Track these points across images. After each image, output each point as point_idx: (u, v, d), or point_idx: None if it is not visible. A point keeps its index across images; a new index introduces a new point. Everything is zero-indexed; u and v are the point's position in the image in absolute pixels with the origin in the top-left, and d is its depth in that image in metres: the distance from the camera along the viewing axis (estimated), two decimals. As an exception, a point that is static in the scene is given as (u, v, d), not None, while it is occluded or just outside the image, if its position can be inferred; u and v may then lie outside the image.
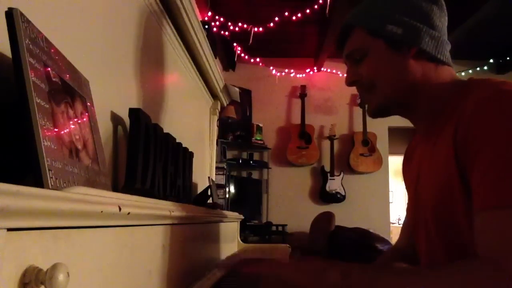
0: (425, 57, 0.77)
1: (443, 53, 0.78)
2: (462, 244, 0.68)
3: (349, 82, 0.84)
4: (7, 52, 0.50)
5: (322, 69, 4.32)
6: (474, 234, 0.60)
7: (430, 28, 0.77)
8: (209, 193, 1.55)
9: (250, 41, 3.44)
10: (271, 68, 4.32)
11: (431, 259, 0.78)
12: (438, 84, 0.77)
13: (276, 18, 3.33)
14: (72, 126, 0.60)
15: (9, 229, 0.33)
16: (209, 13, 3.11)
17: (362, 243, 2.85)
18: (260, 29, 3.45)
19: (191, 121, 1.80)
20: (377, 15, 0.79)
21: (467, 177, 0.64)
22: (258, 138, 4.13)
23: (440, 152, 0.71)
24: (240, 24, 3.40)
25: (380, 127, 4.13)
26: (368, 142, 4.14)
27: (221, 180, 3.37)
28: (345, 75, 0.87)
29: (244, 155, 4.18)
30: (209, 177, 1.72)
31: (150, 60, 1.21)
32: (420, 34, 0.76)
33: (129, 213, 0.54)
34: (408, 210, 0.94)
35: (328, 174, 4.13)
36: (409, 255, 0.93)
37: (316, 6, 3.10)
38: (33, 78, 0.49)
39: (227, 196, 3.49)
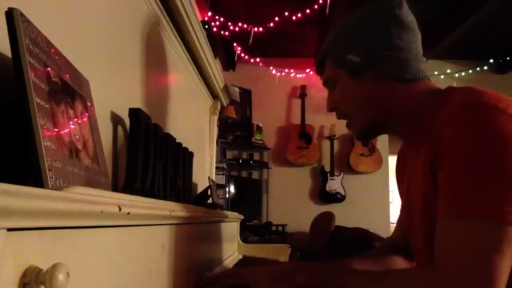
0: (389, 79, 0.78)
1: (410, 71, 0.77)
2: None
3: (329, 108, 0.89)
4: (7, 52, 0.50)
5: (322, 69, 4.32)
6: (434, 241, 0.63)
7: (389, 50, 0.77)
8: (209, 193, 1.55)
9: (250, 41, 3.44)
10: (271, 68, 4.32)
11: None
12: (411, 100, 0.77)
13: (276, 18, 3.33)
14: (72, 126, 0.60)
15: (9, 229, 0.33)
16: (209, 13, 3.11)
17: (362, 243, 2.84)
18: (260, 29, 3.45)
19: (191, 121, 1.80)
20: (338, 45, 0.83)
21: None
22: (258, 138, 4.14)
23: (420, 170, 0.72)
24: (240, 24, 3.40)
25: (380, 127, 4.12)
26: (368, 142, 4.14)
27: (221, 180, 3.37)
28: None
29: (244, 155, 4.19)
30: (209, 177, 1.72)
31: (150, 60, 1.21)
32: (377, 60, 0.77)
33: (129, 213, 0.54)
34: (401, 211, 0.97)
35: (328, 174, 4.13)
36: (403, 248, 0.96)
37: (316, 6, 3.11)
38: (33, 78, 0.49)
39: (227, 196, 3.49)
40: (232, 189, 3.71)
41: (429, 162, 0.67)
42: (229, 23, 3.35)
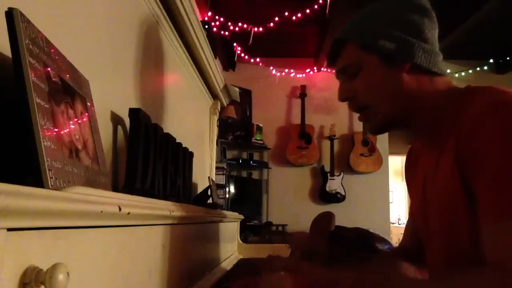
0: (419, 71, 0.76)
1: (437, 65, 0.77)
2: (462, 253, 0.70)
3: (343, 98, 0.83)
4: (7, 52, 0.50)
5: (322, 69, 4.32)
6: (484, 246, 0.61)
7: (422, 41, 0.76)
8: (209, 193, 1.55)
9: (250, 41, 3.43)
10: (271, 68, 4.32)
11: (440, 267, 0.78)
12: (435, 95, 0.76)
13: (276, 18, 3.33)
14: (72, 126, 0.60)
15: (9, 229, 0.33)
16: (209, 13, 3.11)
17: (362, 243, 2.84)
18: (260, 29, 3.44)
19: (191, 121, 1.80)
20: (369, 29, 0.78)
21: (472, 192, 0.65)
22: (258, 138, 4.13)
23: (445, 169, 0.71)
24: (240, 24, 3.39)
25: (380, 127, 4.12)
26: (368, 142, 4.14)
27: (221, 180, 3.36)
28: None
29: (244, 155, 4.18)
30: (209, 177, 1.72)
31: (150, 60, 1.21)
32: (413, 48, 0.75)
33: (129, 213, 0.54)
34: (410, 214, 0.95)
35: (328, 174, 4.13)
36: (413, 255, 0.94)
37: (316, 6, 3.10)
38: (33, 78, 0.49)
39: (227, 196, 3.49)
40: (232, 189, 3.70)
41: (457, 161, 0.66)
42: (229, 23, 3.35)
